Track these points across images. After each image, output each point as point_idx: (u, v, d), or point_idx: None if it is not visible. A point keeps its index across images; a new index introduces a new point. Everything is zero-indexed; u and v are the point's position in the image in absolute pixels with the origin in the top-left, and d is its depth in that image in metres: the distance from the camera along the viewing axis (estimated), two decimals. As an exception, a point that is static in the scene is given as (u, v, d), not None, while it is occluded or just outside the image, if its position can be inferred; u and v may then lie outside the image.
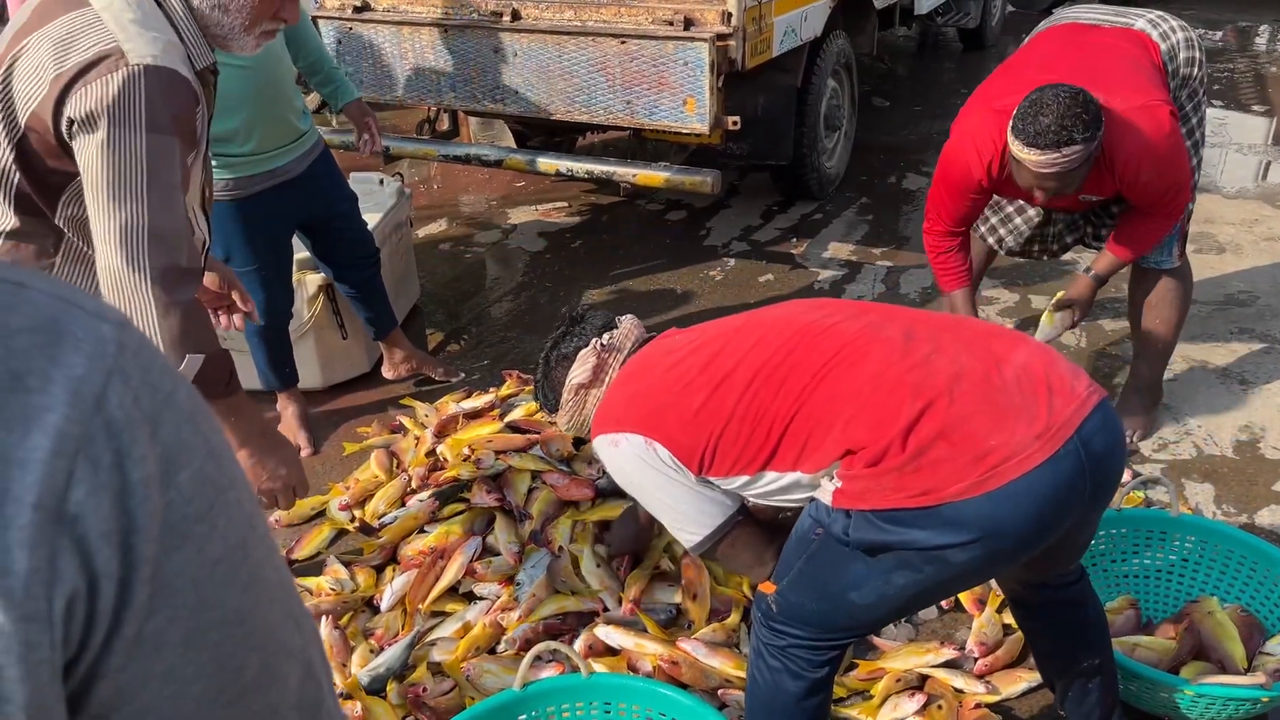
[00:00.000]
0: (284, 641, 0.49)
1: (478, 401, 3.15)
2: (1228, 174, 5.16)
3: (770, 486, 1.62)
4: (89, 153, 1.52)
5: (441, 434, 2.98)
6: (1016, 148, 2.38)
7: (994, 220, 3.09)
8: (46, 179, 1.62)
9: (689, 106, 3.59)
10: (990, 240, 3.14)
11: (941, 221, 2.83)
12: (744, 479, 1.63)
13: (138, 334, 0.45)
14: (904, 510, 1.46)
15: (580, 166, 4.01)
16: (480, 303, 4.10)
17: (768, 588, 1.65)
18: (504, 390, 3.24)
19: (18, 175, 1.60)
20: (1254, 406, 3.16)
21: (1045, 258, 3.15)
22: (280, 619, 0.49)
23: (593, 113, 3.79)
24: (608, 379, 1.80)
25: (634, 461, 1.67)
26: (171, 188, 1.57)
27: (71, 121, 1.51)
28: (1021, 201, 2.95)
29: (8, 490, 0.38)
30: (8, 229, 1.65)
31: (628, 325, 1.87)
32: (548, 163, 4.06)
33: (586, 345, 1.84)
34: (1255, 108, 6.30)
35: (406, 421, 3.13)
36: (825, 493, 1.55)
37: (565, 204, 5.06)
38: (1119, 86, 2.48)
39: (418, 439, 3.01)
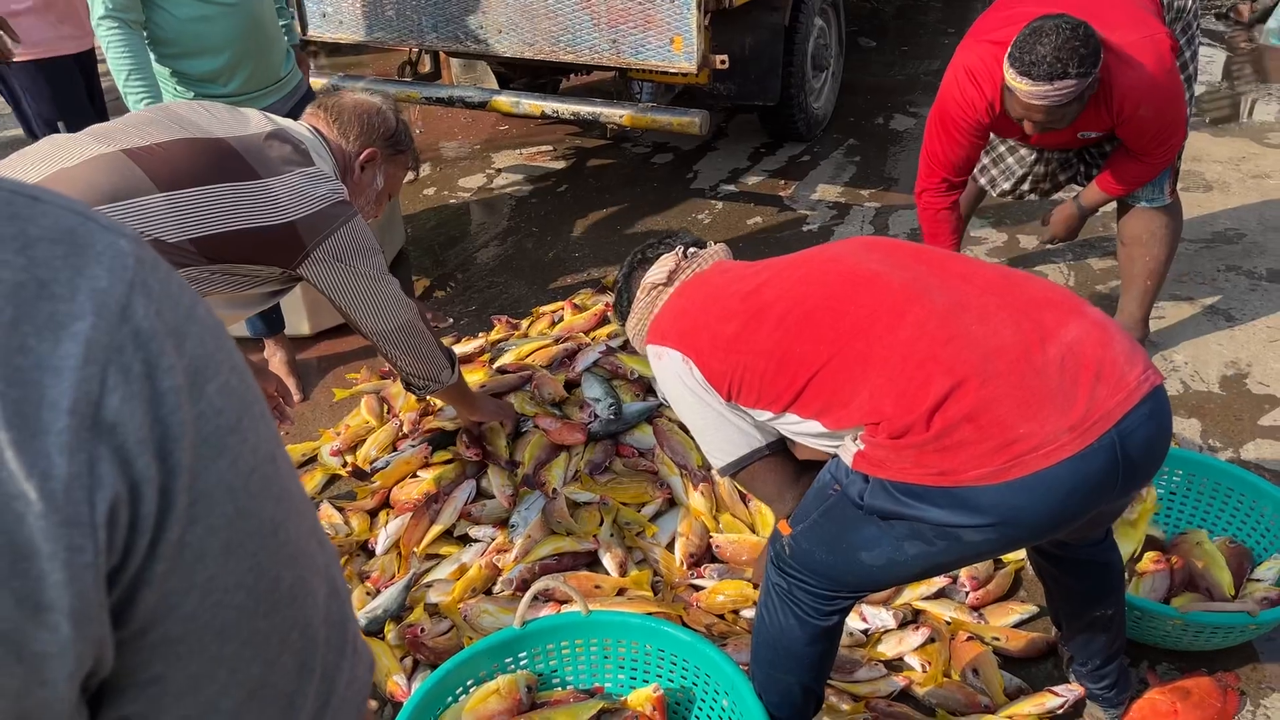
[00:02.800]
0: (312, 556, 0.50)
1: (467, 346, 3.13)
2: (1215, 111, 5.15)
3: (795, 427, 1.63)
4: None
5: (432, 379, 2.97)
6: (1010, 75, 2.36)
7: (985, 160, 3.05)
8: None
9: (676, 45, 3.54)
10: (982, 180, 3.11)
11: (938, 171, 2.74)
12: (769, 414, 1.64)
13: (153, 251, 0.44)
14: (921, 486, 1.44)
15: (566, 107, 3.95)
16: (467, 248, 4.06)
17: (784, 528, 1.66)
18: (493, 335, 3.23)
19: None
20: (1240, 342, 3.18)
21: (1037, 197, 3.11)
22: (307, 534, 0.50)
23: (578, 52, 3.73)
24: (679, 282, 1.82)
25: (672, 376, 1.71)
26: None
27: None
28: (1014, 141, 2.91)
29: (43, 397, 0.38)
30: None
31: (716, 247, 1.90)
32: (533, 104, 4.00)
33: (670, 252, 1.88)
34: (1243, 45, 6.26)
35: (396, 367, 3.11)
36: (847, 451, 1.54)
37: (550, 147, 5.00)
38: (1119, 21, 2.45)
39: (408, 384, 3.00)
